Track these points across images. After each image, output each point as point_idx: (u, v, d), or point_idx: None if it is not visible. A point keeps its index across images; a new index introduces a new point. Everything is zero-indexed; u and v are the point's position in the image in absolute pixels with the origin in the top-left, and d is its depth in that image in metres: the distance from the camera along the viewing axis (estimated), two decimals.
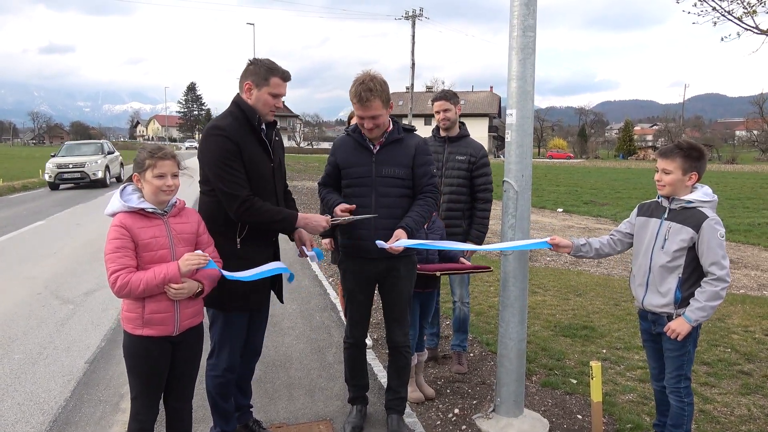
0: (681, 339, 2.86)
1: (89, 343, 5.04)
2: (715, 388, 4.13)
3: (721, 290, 2.80)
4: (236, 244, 2.98)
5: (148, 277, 2.49)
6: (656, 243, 2.95)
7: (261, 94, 2.98)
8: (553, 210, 16.68)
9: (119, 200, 2.60)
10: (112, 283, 2.48)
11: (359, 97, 3.13)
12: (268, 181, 3.11)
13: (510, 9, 3.27)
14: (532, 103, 3.35)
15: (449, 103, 4.24)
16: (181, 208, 2.75)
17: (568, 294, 6.82)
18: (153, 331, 2.60)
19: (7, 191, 19.31)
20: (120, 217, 2.58)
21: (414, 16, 41.11)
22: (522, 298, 3.43)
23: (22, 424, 3.62)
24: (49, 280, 7.24)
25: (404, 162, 3.27)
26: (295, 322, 5.70)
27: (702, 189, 2.93)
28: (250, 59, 3.06)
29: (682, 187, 2.91)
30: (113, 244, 2.52)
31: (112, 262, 2.49)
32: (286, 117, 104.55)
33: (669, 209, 2.95)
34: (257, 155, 3.03)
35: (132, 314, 2.60)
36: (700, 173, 2.91)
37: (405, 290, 3.40)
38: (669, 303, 2.91)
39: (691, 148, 2.92)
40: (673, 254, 2.87)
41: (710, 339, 5.16)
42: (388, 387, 3.56)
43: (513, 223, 3.37)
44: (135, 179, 2.64)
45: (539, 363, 4.57)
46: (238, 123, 2.97)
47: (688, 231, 2.83)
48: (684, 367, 2.94)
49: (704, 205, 2.87)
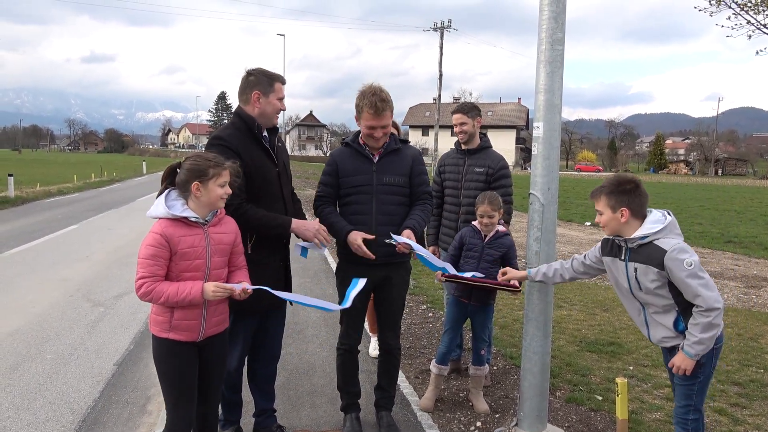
0: (689, 374, 2.66)
1: (118, 346, 5.16)
2: (747, 409, 4.02)
3: (713, 319, 2.56)
4: (248, 249, 3.06)
5: (170, 292, 2.52)
6: (632, 286, 2.77)
7: (270, 100, 3.17)
8: (580, 223, 16.45)
9: (163, 206, 2.59)
10: (138, 287, 2.52)
11: (375, 107, 3.23)
12: (275, 185, 3.25)
13: (539, 23, 3.28)
14: (559, 116, 3.34)
15: (466, 117, 4.28)
16: (221, 218, 2.77)
17: (594, 309, 6.72)
18: (178, 335, 2.65)
19: (44, 196, 19.90)
20: (162, 225, 2.57)
21: (442, 27, 41.21)
22: (547, 312, 3.41)
23: (53, 422, 3.71)
24: (81, 283, 7.43)
25: (403, 171, 3.42)
26: (319, 330, 5.73)
27: (650, 217, 2.72)
28: (248, 70, 3.20)
29: (620, 225, 2.73)
30: (149, 250, 2.52)
31: (142, 268, 2.52)
32: (313, 126, 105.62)
33: (627, 249, 2.76)
34: (261, 161, 3.16)
35: (160, 317, 2.64)
36: (633, 207, 2.70)
37: (399, 296, 3.56)
38: (674, 335, 2.73)
39: (616, 183, 2.76)
40: (654, 293, 2.69)
41: (742, 359, 5.03)
42: (379, 386, 3.67)
43: (539, 235, 3.36)
44: (195, 187, 2.58)
45: (564, 378, 4.51)
46: (240, 132, 3.12)
47: (653, 270, 2.65)
48: (694, 398, 2.73)
49: (658, 236, 2.65)
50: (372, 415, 3.72)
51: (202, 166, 2.61)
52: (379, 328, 3.63)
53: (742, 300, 7.68)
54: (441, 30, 41.21)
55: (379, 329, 3.64)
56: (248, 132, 3.14)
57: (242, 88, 3.19)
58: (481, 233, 3.83)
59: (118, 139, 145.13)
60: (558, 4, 3.21)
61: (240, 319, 3.20)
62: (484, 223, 3.79)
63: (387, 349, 3.61)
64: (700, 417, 2.77)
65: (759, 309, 7.21)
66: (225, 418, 3.39)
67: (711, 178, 62.83)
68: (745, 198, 28.49)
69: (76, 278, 7.70)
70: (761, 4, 7.66)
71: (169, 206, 2.59)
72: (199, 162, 2.62)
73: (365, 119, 3.29)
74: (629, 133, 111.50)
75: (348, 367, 3.57)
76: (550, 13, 3.22)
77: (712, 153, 79.75)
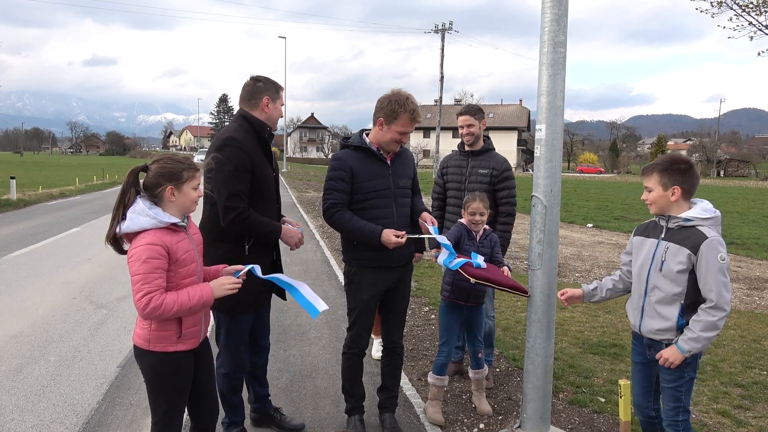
0: (674, 367, 2.66)
1: (121, 348, 5.17)
2: (750, 411, 4.02)
3: (718, 320, 2.54)
4: (245, 251, 3.14)
5: (182, 299, 2.38)
6: (653, 265, 2.75)
7: (276, 106, 3.31)
8: (582, 225, 16.44)
9: (149, 215, 2.40)
10: (144, 304, 2.31)
11: (414, 114, 3.30)
12: (272, 188, 3.34)
13: (541, 25, 3.28)
14: (561, 119, 3.35)
15: (473, 119, 4.28)
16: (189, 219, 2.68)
17: (597, 311, 6.72)
18: (186, 345, 2.53)
19: (46, 198, 19.93)
20: (155, 235, 2.39)
21: (443, 29, 41.25)
22: (549, 313, 3.41)
23: (57, 424, 3.72)
24: (84, 286, 7.45)
25: (410, 173, 3.57)
26: (322, 332, 5.74)
27: (701, 204, 2.72)
28: (255, 77, 3.30)
29: (669, 204, 2.72)
30: (150, 264, 2.33)
31: (145, 283, 2.32)
32: (315, 128, 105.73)
33: (666, 228, 2.74)
34: (264, 165, 3.24)
35: (165, 332, 2.48)
36: (685, 187, 2.70)
37: (407, 295, 3.68)
38: (671, 329, 2.69)
39: (670, 161, 2.75)
40: (672, 277, 2.66)
41: (745, 361, 5.03)
42: (383, 387, 3.67)
43: (541, 237, 3.36)
44: (169, 191, 2.45)
45: (566, 380, 4.51)
46: (249, 136, 3.18)
47: (686, 252, 2.61)
48: (682, 399, 2.71)
49: (704, 223, 2.64)
50: (375, 417, 3.72)
51: (176, 169, 2.47)
52: (387, 328, 3.64)
53: (745, 302, 7.67)
54: (442, 32, 41.24)
55: (386, 329, 3.64)
56: (256, 136, 3.21)
57: (250, 93, 3.24)
58: (472, 232, 3.78)
59: (120, 142, 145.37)
60: (560, 7, 3.22)
61: (235, 321, 3.24)
62: (476, 221, 3.75)
63: (393, 348, 3.64)
64: (688, 417, 2.77)
65: (762, 311, 7.19)
66: (230, 420, 3.40)
67: (713, 180, 62.80)
68: (747, 199, 28.45)
69: (78, 281, 7.71)
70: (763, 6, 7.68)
71: (155, 214, 2.42)
72: (171, 165, 2.47)
73: (401, 125, 3.30)
74: (631, 134, 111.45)
75: (355, 370, 3.56)
76: (552, 15, 3.22)
77: (714, 154, 79.67)
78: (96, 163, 57.47)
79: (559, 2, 3.22)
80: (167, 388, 2.54)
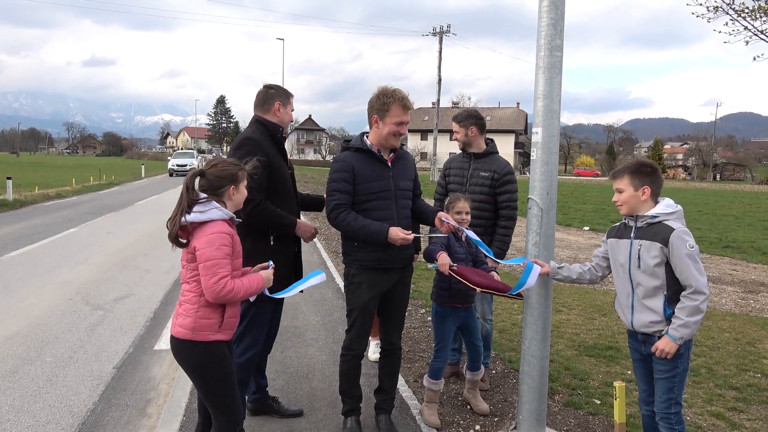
0: (671, 357, 2.78)
1: (117, 349, 5.16)
2: (744, 413, 4.04)
3: (700, 304, 2.71)
4: (270, 242, 3.42)
5: (246, 285, 2.62)
6: (631, 264, 2.91)
7: (286, 110, 3.64)
8: (579, 228, 16.48)
9: (217, 207, 2.63)
10: (220, 287, 2.50)
11: (405, 101, 3.36)
12: (289, 184, 3.61)
13: (537, 29, 3.31)
14: (558, 122, 3.37)
15: (459, 126, 4.39)
16: None
17: (593, 313, 6.74)
18: (225, 335, 2.67)
19: (42, 199, 19.89)
20: (224, 226, 2.61)
21: (441, 32, 41.35)
22: (545, 315, 3.43)
23: (53, 425, 3.72)
24: (80, 286, 7.44)
25: (411, 175, 3.60)
26: (318, 333, 5.75)
27: (663, 201, 2.91)
28: (267, 85, 3.65)
29: (638, 204, 2.91)
30: (223, 250, 2.55)
31: (221, 268, 2.52)
32: (312, 130, 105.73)
33: (636, 227, 2.93)
34: (280, 163, 3.52)
35: (208, 320, 2.61)
36: (654, 187, 2.90)
37: (407, 297, 3.71)
38: (660, 320, 2.83)
39: (639, 165, 2.97)
40: (651, 272, 2.82)
41: (740, 363, 5.05)
42: (380, 389, 3.68)
43: (537, 240, 3.38)
44: (231, 191, 2.71)
45: (562, 382, 4.53)
46: (264, 137, 3.50)
47: (657, 246, 2.80)
48: (675, 390, 2.85)
49: (669, 218, 2.84)
50: (371, 419, 3.73)
51: (234, 171, 2.75)
52: (386, 329, 3.65)
53: (740, 305, 7.71)
54: (440, 35, 41.34)
55: (385, 330, 3.65)
56: (270, 137, 3.51)
57: (263, 99, 3.58)
58: (457, 233, 3.71)
59: (117, 143, 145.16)
60: (557, 11, 3.24)
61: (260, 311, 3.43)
62: (463, 219, 3.71)
63: (392, 349, 3.66)
64: (680, 410, 2.88)
65: (757, 314, 7.23)
66: None
67: (709, 183, 63.00)
68: (743, 203, 28.55)
69: (75, 281, 7.70)
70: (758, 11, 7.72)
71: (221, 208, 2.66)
72: (229, 167, 2.76)
73: (395, 115, 3.34)
74: (628, 138, 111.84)
75: (354, 372, 3.56)
76: (549, 19, 3.25)
77: (711, 158, 79.96)
78: (93, 164, 57.36)
79: (555, 7, 3.24)
80: (221, 376, 2.66)
